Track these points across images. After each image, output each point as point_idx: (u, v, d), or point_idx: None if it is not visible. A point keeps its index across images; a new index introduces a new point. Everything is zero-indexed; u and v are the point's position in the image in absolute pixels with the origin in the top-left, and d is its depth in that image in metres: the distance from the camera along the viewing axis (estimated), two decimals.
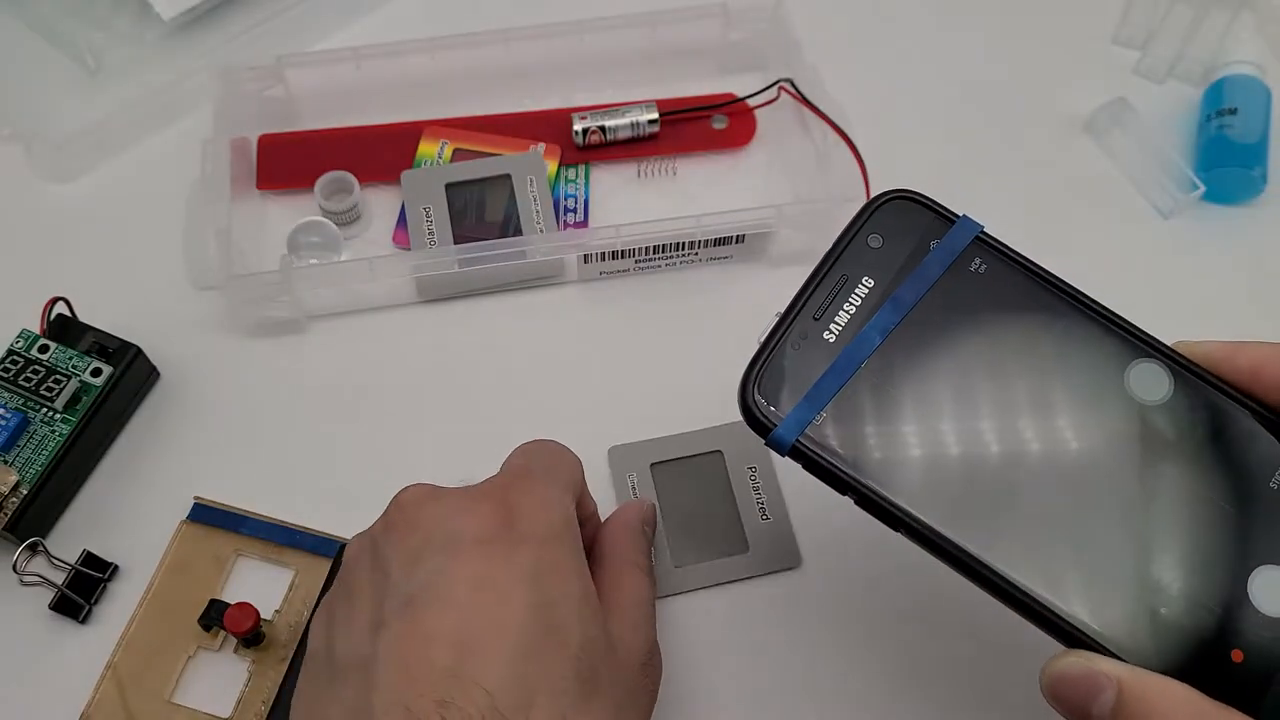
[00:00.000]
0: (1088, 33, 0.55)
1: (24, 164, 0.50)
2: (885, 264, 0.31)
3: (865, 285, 0.31)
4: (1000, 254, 0.31)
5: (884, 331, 0.30)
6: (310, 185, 0.48)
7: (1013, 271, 0.31)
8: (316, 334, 0.47)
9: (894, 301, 0.30)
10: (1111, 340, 0.30)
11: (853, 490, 0.30)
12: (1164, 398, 0.30)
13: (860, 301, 0.31)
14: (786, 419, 0.30)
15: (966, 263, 0.31)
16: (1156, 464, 0.29)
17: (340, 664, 0.30)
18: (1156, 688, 0.27)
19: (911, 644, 0.39)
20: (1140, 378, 0.30)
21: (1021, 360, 0.30)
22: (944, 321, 0.30)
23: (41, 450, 0.41)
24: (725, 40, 0.52)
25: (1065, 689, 0.28)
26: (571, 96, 0.52)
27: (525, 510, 0.32)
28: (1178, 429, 0.29)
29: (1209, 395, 0.30)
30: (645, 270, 0.48)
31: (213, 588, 0.41)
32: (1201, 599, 0.28)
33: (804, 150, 0.49)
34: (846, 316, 0.31)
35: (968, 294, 0.30)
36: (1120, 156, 0.51)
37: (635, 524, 0.38)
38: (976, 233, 0.31)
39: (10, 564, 0.40)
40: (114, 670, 0.39)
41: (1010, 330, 0.30)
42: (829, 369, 0.30)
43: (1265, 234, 0.49)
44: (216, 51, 0.52)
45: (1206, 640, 0.27)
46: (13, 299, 0.44)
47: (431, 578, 0.30)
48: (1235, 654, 0.27)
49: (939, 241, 0.31)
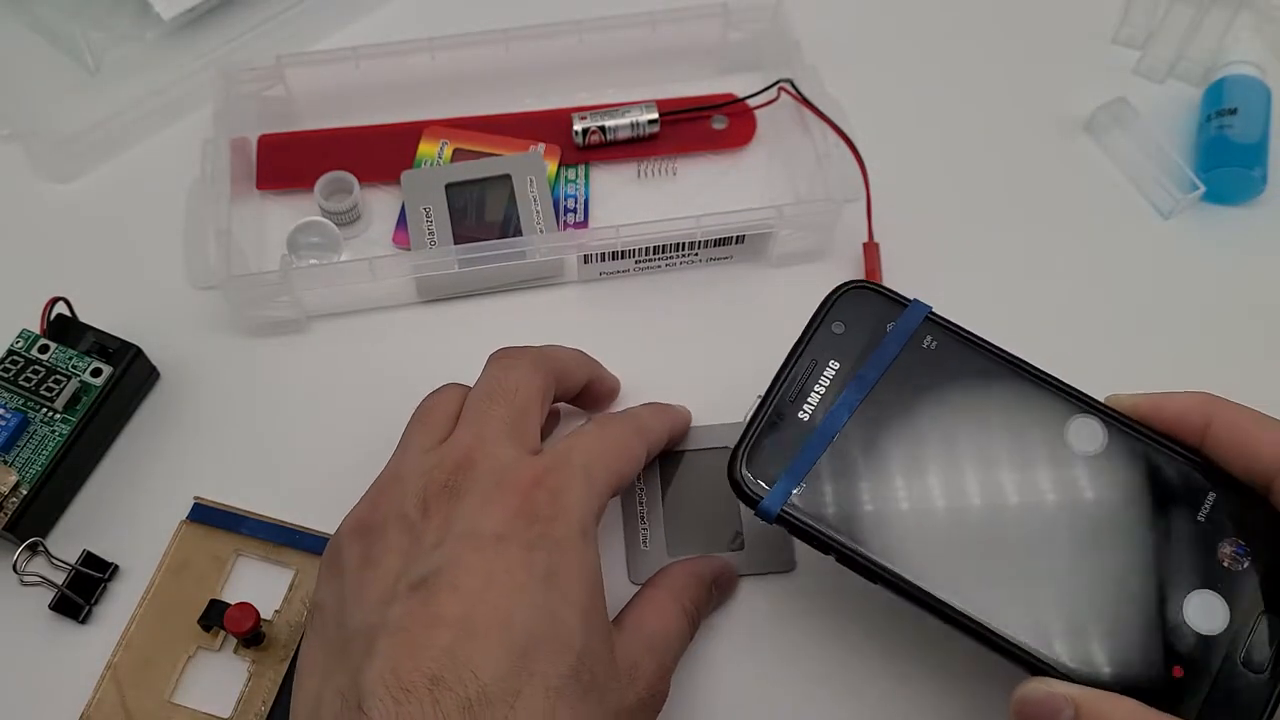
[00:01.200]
0: (1088, 33, 0.55)
1: (24, 164, 0.50)
2: (848, 348, 0.35)
3: (832, 368, 0.35)
4: (948, 330, 0.35)
5: (851, 408, 0.34)
6: (310, 185, 0.48)
7: (960, 345, 0.35)
8: (316, 334, 0.47)
9: (858, 381, 0.35)
10: (1050, 399, 0.34)
11: (834, 550, 0.33)
12: (1100, 448, 0.34)
13: (829, 382, 0.35)
14: (771, 492, 0.34)
15: (919, 341, 0.35)
16: (1097, 507, 0.33)
17: (349, 630, 0.31)
18: (1108, 705, 0.30)
19: (892, 662, 0.39)
20: (1078, 432, 0.34)
21: (973, 424, 0.34)
22: (903, 395, 0.34)
23: (41, 450, 0.41)
24: (725, 40, 0.52)
25: (1029, 711, 0.31)
26: (571, 96, 0.52)
27: (546, 513, 0.32)
28: (1114, 475, 0.33)
29: (1140, 443, 0.34)
30: (645, 270, 0.48)
31: (213, 588, 0.41)
32: (1143, 624, 0.31)
33: (804, 150, 0.49)
34: (818, 396, 0.35)
35: (922, 369, 0.35)
36: (1120, 156, 0.51)
37: (705, 575, 0.39)
38: (925, 314, 0.35)
39: (10, 564, 0.40)
40: (114, 670, 0.39)
41: (961, 398, 0.34)
42: (805, 445, 0.34)
43: (1265, 234, 0.49)
44: (216, 51, 0.52)
45: (1150, 660, 0.31)
46: (13, 299, 0.44)
47: (447, 565, 0.31)
48: (1175, 670, 0.31)
49: (894, 324, 0.35)
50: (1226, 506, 0.32)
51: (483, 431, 0.35)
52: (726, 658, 0.40)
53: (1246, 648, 0.31)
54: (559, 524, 0.32)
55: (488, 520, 0.32)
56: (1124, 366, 0.39)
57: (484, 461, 0.34)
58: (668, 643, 0.36)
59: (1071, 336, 0.41)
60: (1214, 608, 0.31)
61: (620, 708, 0.33)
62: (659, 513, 0.42)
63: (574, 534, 0.32)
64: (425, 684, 0.29)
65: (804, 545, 0.40)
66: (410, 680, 0.29)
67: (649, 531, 0.42)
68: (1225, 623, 0.31)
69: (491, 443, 0.34)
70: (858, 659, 0.40)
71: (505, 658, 0.30)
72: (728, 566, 0.40)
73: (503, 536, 0.32)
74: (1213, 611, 0.31)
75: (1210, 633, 0.31)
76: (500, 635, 0.30)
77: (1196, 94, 0.53)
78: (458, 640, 0.29)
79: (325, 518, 0.41)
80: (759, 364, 0.41)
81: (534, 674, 0.30)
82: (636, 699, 0.34)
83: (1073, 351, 0.39)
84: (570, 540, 0.32)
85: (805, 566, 0.41)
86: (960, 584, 0.32)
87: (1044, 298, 0.47)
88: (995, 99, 0.53)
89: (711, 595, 0.39)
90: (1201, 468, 0.33)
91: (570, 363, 0.39)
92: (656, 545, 0.41)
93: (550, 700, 0.30)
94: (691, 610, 0.37)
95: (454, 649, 0.29)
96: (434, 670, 0.29)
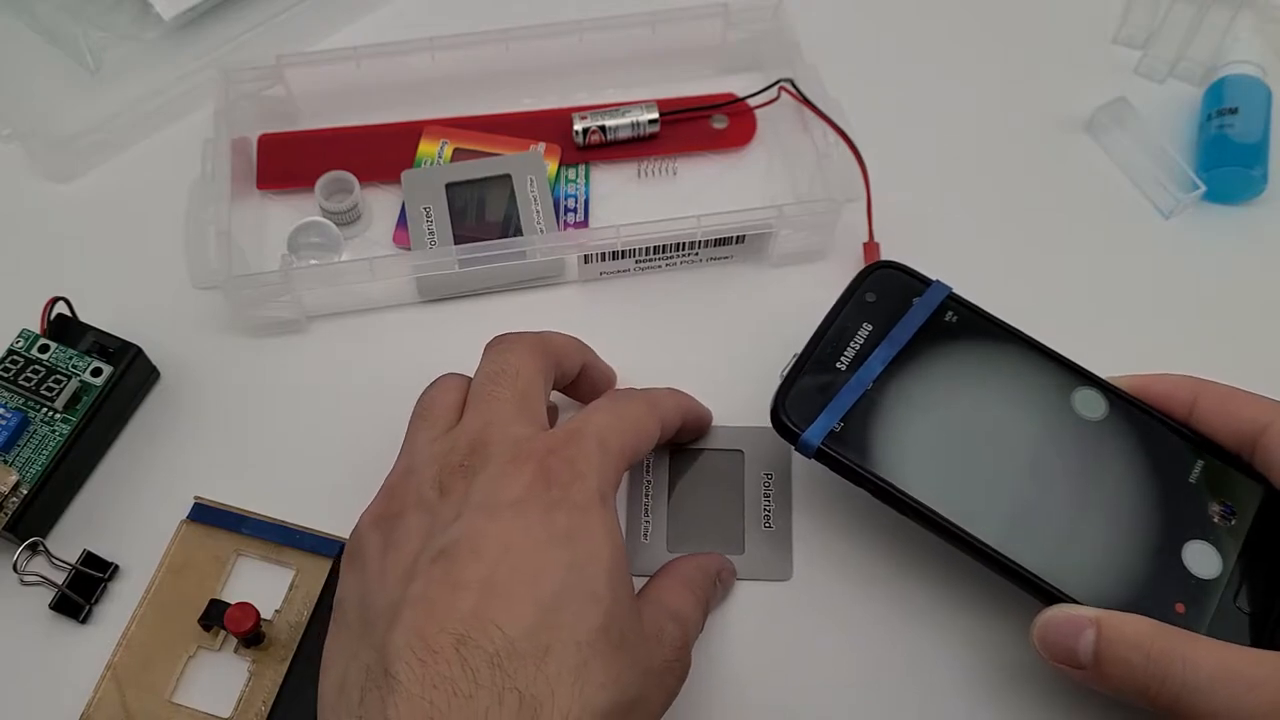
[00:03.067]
0: (1088, 33, 0.55)
1: (24, 164, 0.50)
2: (879, 314, 0.39)
3: (865, 329, 0.39)
4: (967, 308, 0.39)
5: (884, 361, 0.38)
6: (310, 185, 0.48)
7: (978, 320, 0.39)
8: (316, 334, 0.47)
9: (889, 340, 0.38)
10: (1059, 371, 0.38)
11: (867, 483, 0.37)
12: (1102, 416, 0.38)
13: (863, 341, 0.39)
14: (812, 427, 0.37)
15: (941, 315, 0.39)
16: (1104, 467, 0.37)
17: (373, 612, 0.32)
18: (1129, 621, 0.33)
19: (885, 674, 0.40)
20: (1083, 401, 0.38)
21: (991, 386, 0.38)
22: (929, 356, 0.38)
23: (41, 450, 0.41)
24: (725, 40, 0.52)
25: (1052, 634, 0.34)
26: (571, 96, 0.52)
27: (564, 478, 0.33)
28: (1116, 439, 0.37)
29: (1137, 413, 0.38)
30: (645, 270, 0.48)
31: (213, 588, 0.41)
32: (1148, 566, 0.35)
33: (804, 150, 0.49)
34: (853, 351, 0.38)
35: (945, 337, 0.39)
36: (1120, 156, 0.51)
37: (710, 570, 0.39)
38: (947, 293, 0.39)
39: (10, 564, 0.40)
40: (114, 670, 0.39)
41: (980, 364, 0.38)
42: (843, 388, 0.38)
43: (1265, 234, 0.49)
44: (216, 51, 0.52)
45: (1157, 596, 0.35)
46: (13, 299, 0.44)
47: (466, 535, 0.31)
48: (1178, 606, 0.35)
49: (919, 299, 0.39)
50: (1213, 473, 0.37)
51: (491, 413, 0.35)
52: (719, 665, 0.40)
53: (1241, 594, 0.35)
54: (576, 488, 0.33)
55: (505, 490, 0.32)
56: (1124, 366, 0.39)
57: (497, 440, 0.34)
58: (686, 619, 0.36)
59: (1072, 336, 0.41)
60: (1208, 556, 0.35)
61: (649, 668, 0.33)
62: (663, 508, 0.42)
63: (593, 498, 0.33)
64: (451, 644, 0.29)
65: (802, 556, 0.41)
66: (436, 643, 0.29)
67: (650, 525, 0.42)
68: (1219, 569, 0.35)
69: (502, 423, 0.35)
70: (851, 671, 0.39)
71: (532, 613, 0.30)
72: (729, 564, 0.40)
73: (520, 502, 0.32)
74: (1208, 559, 0.35)
75: (1206, 577, 0.35)
76: (525, 592, 0.30)
77: (1197, 94, 0.53)
78: (481, 601, 0.30)
79: (325, 518, 0.41)
80: (760, 363, 0.42)
81: (563, 628, 0.30)
82: (664, 662, 0.34)
83: (1073, 351, 0.39)
84: (590, 503, 0.33)
85: (802, 576, 0.41)
86: (984, 520, 0.36)
87: (1044, 297, 0.47)
88: (995, 99, 0.53)
89: (716, 590, 0.39)
90: (1190, 438, 0.37)
91: (567, 346, 0.40)
92: (657, 540, 0.41)
93: (582, 654, 0.30)
94: (703, 599, 0.38)
95: (478, 610, 0.29)
96: (460, 631, 0.29)
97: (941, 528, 0.36)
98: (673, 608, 0.36)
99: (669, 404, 0.39)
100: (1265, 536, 0.36)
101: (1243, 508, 0.36)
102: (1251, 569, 0.35)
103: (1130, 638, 0.32)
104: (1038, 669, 0.39)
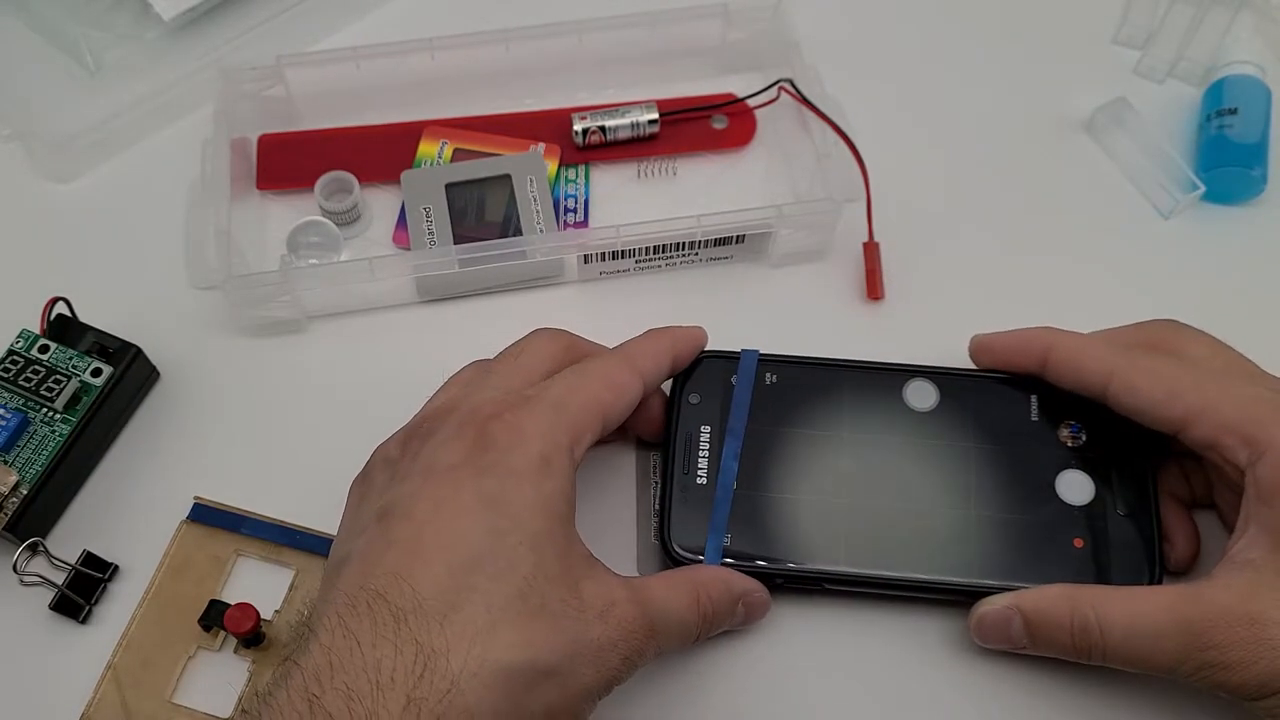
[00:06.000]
0: (1088, 33, 0.55)
1: (24, 164, 0.50)
2: (710, 412, 0.40)
3: (705, 431, 0.40)
4: (781, 362, 0.41)
5: (735, 456, 0.39)
6: (310, 185, 0.48)
7: (796, 369, 0.41)
8: (316, 334, 0.47)
9: (730, 434, 0.39)
10: (884, 377, 0.41)
11: (779, 577, 0.38)
12: (935, 402, 0.40)
13: (708, 445, 0.39)
14: (708, 552, 0.38)
15: (762, 380, 0.40)
16: (955, 442, 0.39)
17: (332, 563, 0.35)
18: (1043, 597, 0.36)
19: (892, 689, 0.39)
20: (914, 394, 0.40)
21: (833, 422, 0.40)
22: (771, 426, 0.40)
23: (41, 450, 0.41)
24: (725, 40, 0.52)
25: (987, 629, 0.37)
26: (571, 96, 0.52)
27: (502, 443, 0.34)
28: (955, 414, 0.40)
29: (965, 381, 0.40)
30: (645, 270, 0.48)
31: (213, 588, 0.41)
32: (1036, 521, 0.38)
33: (804, 150, 0.49)
34: (705, 460, 0.39)
35: (774, 401, 0.40)
36: (1120, 156, 0.51)
37: (735, 587, 0.38)
38: (757, 356, 0.41)
39: (10, 564, 0.40)
40: (114, 670, 0.39)
41: (814, 407, 0.40)
42: (715, 503, 0.38)
43: (1265, 234, 0.49)
44: (216, 51, 0.52)
45: (1055, 546, 0.38)
46: (13, 299, 0.44)
47: (403, 496, 0.33)
48: (1076, 542, 0.38)
49: (736, 376, 0.40)
50: (1048, 402, 0.40)
51: (470, 382, 0.37)
52: (719, 675, 0.39)
53: (1117, 500, 0.38)
54: (515, 453, 0.34)
55: (446, 454, 0.34)
56: None
57: (460, 406, 0.35)
58: (664, 612, 0.35)
59: None
60: (1079, 481, 0.38)
61: (580, 639, 0.32)
62: None
63: (530, 463, 0.33)
64: (368, 600, 0.31)
65: None
66: (356, 598, 0.31)
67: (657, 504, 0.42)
68: (1093, 489, 0.38)
69: (475, 391, 0.36)
70: (854, 683, 0.39)
71: (445, 575, 0.31)
72: (762, 592, 0.38)
73: (456, 466, 0.33)
74: (1079, 485, 0.38)
75: (1085, 502, 0.38)
76: (442, 555, 0.31)
77: (1196, 94, 0.53)
78: (403, 559, 0.31)
79: (325, 518, 0.41)
80: None
81: (474, 590, 0.31)
82: (604, 639, 0.33)
83: None
84: (525, 468, 0.33)
85: None
86: (890, 557, 0.38)
87: (1044, 297, 0.47)
88: (995, 99, 0.53)
89: (735, 611, 0.38)
90: (1015, 380, 0.40)
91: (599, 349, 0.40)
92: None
93: (491, 615, 0.31)
94: (707, 607, 0.36)
95: (398, 568, 0.31)
96: (379, 587, 0.31)
97: (859, 582, 0.38)
98: (651, 593, 0.35)
99: (646, 351, 0.39)
100: (1110, 436, 0.39)
101: (1085, 420, 0.39)
102: (1116, 474, 0.38)
103: (1046, 610, 0.36)
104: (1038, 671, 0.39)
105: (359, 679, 0.29)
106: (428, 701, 0.29)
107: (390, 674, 0.29)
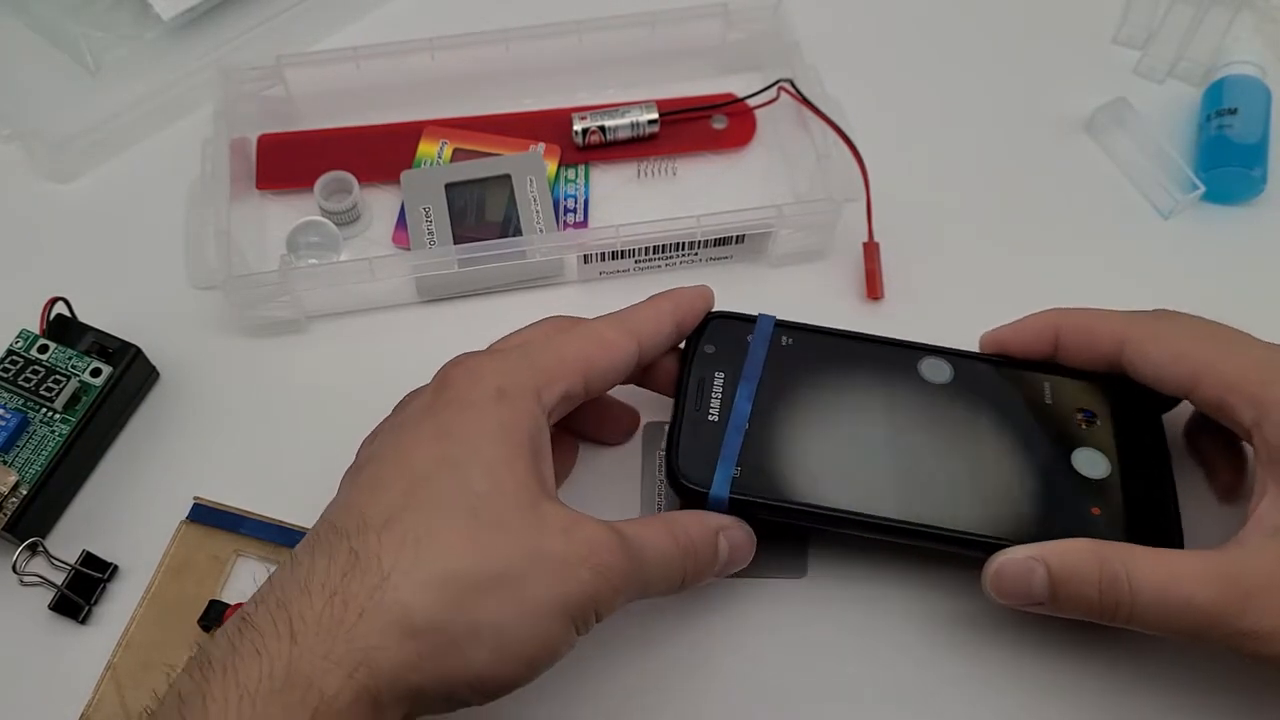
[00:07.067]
0: (1088, 33, 0.55)
1: (24, 164, 0.50)
2: (725, 361, 0.40)
3: (719, 378, 0.40)
4: (797, 329, 0.41)
5: (749, 398, 0.39)
6: (310, 185, 0.48)
7: (811, 335, 0.41)
8: (316, 334, 0.47)
9: (745, 379, 0.40)
10: (898, 352, 0.41)
11: (783, 513, 0.37)
12: (949, 377, 0.40)
13: (722, 387, 0.40)
14: (716, 482, 0.37)
15: (778, 341, 0.41)
16: (971, 419, 0.40)
17: None
18: (1071, 550, 0.35)
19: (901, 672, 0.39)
20: (929, 369, 0.41)
21: (848, 387, 0.40)
22: (785, 380, 0.40)
23: (41, 450, 0.41)
24: (725, 40, 0.52)
25: (1006, 580, 0.35)
26: (572, 96, 0.52)
27: (455, 380, 0.35)
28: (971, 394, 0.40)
29: (979, 365, 0.41)
30: (645, 270, 0.48)
31: (212, 588, 0.41)
32: (1053, 488, 0.38)
33: (804, 150, 0.49)
34: (718, 400, 0.39)
35: (790, 360, 0.40)
36: (1120, 156, 0.51)
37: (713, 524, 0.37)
38: (774, 321, 0.41)
39: (10, 564, 0.40)
40: (114, 670, 0.39)
41: (830, 373, 0.40)
42: (725, 436, 0.38)
43: (1265, 234, 0.49)
44: (216, 51, 0.52)
45: (1070, 509, 0.38)
46: (13, 299, 0.44)
47: (374, 451, 0.35)
48: (1094, 510, 0.38)
49: (752, 336, 0.41)
50: (1061, 388, 0.40)
51: (469, 359, 0.37)
52: (735, 663, 0.40)
53: (1133, 478, 0.38)
54: (471, 388, 0.34)
55: (414, 407, 0.35)
56: None
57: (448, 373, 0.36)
58: (640, 543, 0.34)
59: None
60: (1094, 458, 0.39)
61: (540, 549, 0.32)
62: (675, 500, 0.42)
63: (485, 394, 0.34)
64: (322, 531, 0.32)
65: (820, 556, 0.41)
66: (315, 533, 0.32)
67: (662, 504, 0.42)
68: (1108, 466, 0.39)
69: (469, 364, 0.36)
70: (867, 668, 0.39)
71: (395, 499, 0.32)
72: (742, 528, 0.38)
73: (418, 412, 0.35)
74: (1094, 461, 0.39)
75: (1101, 476, 0.38)
76: (396, 484, 0.32)
77: (1196, 94, 0.53)
78: (363, 495, 0.33)
79: None
80: None
81: (419, 508, 0.32)
82: (569, 551, 0.32)
83: None
84: (479, 399, 0.34)
85: (816, 573, 0.41)
86: (901, 502, 0.37)
87: (1044, 297, 0.47)
88: (995, 99, 0.53)
89: (716, 545, 0.37)
90: (1031, 366, 0.41)
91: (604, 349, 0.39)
92: None
93: (432, 524, 0.31)
94: (683, 539, 0.36)
95: (357, 502, 0.32)
96: (332, 518, 0.32)
97: (871, 526, 0.37)
98: (626, 529, 0.34)
99: (644, 314, 0.39)
100: (1123, 416, 0.40)
101: (1098, 407, 0.40)
102: (1132, 452, 0.39)
103: (1072, 563, 0.34)
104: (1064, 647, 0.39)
105: (290, 589, 0.30)
106: (355, 596, 0.30)
107: (321, 580, 0.30)
